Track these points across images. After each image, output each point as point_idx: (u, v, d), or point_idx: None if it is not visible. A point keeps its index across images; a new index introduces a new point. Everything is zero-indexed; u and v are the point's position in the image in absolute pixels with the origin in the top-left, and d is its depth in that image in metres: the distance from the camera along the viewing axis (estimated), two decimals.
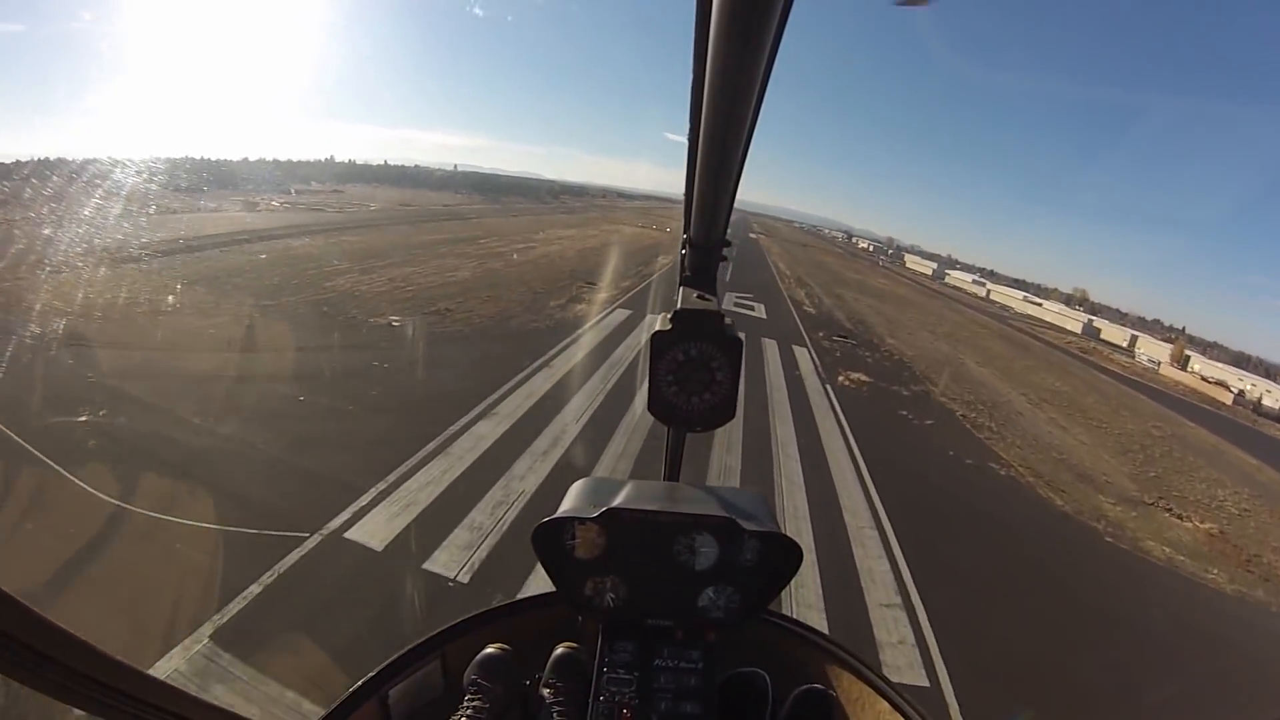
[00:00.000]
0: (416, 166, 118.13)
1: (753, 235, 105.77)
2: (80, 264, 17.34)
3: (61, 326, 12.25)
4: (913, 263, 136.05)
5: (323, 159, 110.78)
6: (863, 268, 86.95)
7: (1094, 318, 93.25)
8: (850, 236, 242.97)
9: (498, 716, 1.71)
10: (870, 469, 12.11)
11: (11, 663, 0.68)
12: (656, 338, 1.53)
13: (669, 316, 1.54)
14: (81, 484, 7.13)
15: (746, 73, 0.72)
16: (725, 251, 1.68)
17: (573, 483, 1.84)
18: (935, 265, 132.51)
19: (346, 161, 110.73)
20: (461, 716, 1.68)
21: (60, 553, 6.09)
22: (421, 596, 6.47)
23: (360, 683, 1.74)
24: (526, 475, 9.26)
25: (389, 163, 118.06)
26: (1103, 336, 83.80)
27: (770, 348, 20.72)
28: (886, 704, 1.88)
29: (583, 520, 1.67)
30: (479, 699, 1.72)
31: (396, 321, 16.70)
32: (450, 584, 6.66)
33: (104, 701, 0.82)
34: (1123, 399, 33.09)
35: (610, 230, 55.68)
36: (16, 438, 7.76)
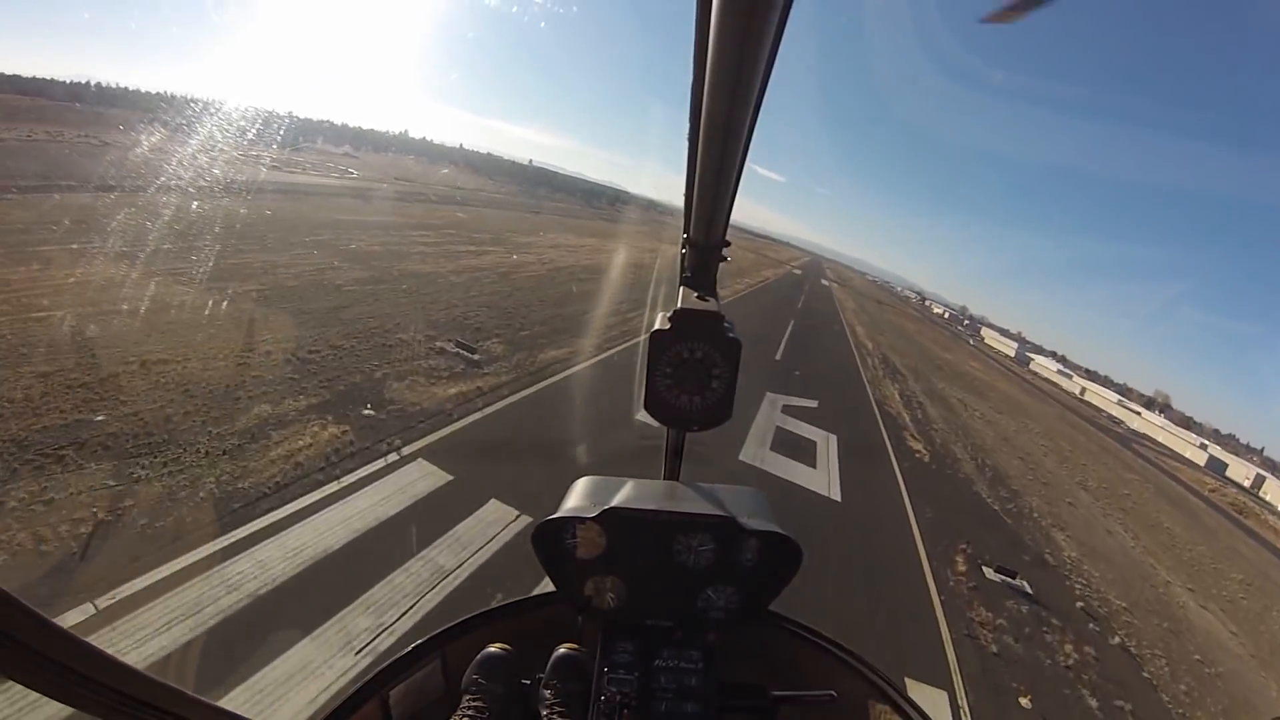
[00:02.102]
0: (489, 154, 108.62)
1: (825, 283, 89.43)
2: None
3: None
4: (991, 338, 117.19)
5: (395, 132, 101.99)
6: (947, 341, 69.88)
7: (1207, 442, 74.79)
8: (924, 299, 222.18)
9: (498, 717, 1.55)
10: None
11: (11, 663, 0.64)
12: (655, 337, 1.42)
13: (668, 316, 1.42)
14: None
15: (746, 73, 0.68)
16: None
17: (573, 481, 1.71)
18: (1016, 346, 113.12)
19: (420, 138, 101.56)
20: (462, 717, 1.52)
21: None
22: None
23: (360, 683, 1.58)
24: None
25: (464, 146, 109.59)
26: (1228, 474, 66.19)
27: None
28: (889, 705, 1.73)
29: (583, 520, 1.57)
30: (479, 699, 1.56)
31: None
32: None
33: (104, 702, 0.76)
34: None
35: (642, 250, 40.86)
36: None
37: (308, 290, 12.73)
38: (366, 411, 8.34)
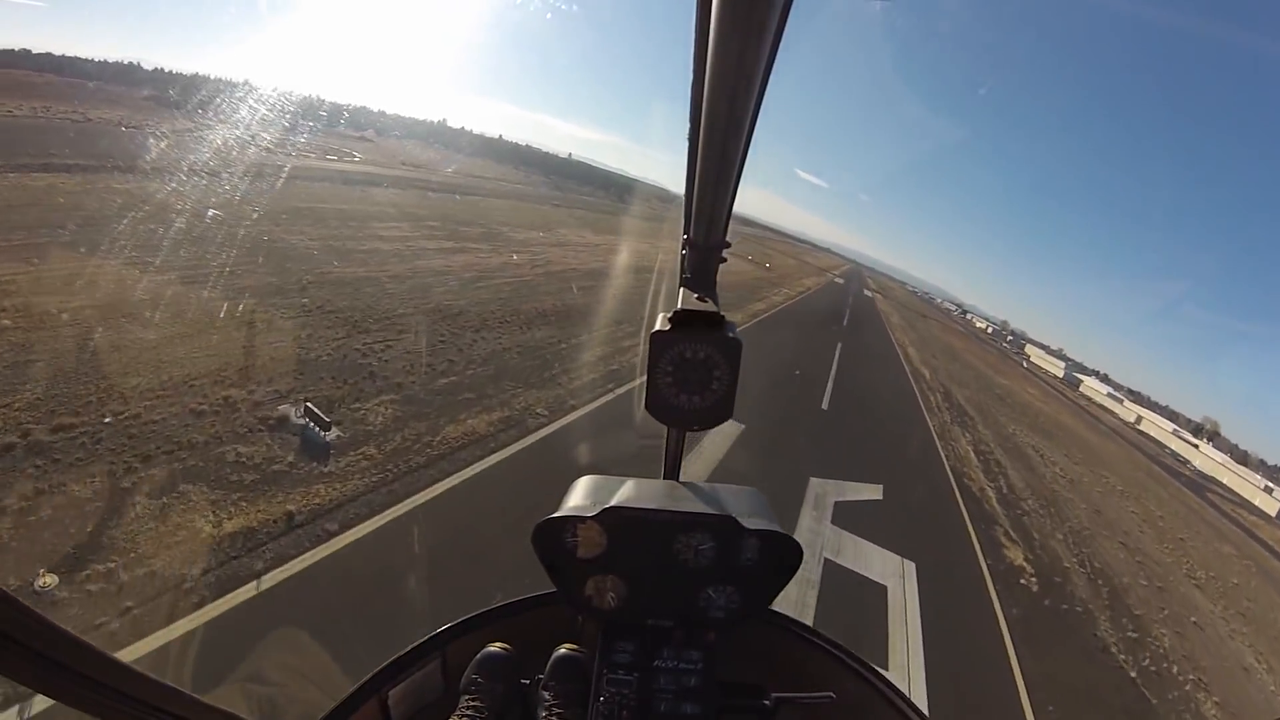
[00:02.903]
0: (527, 146, 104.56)
1: (868, 293, 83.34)
2: None
3: None
4: (1037, 356, 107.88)
5: (433, 121, 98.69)
6: (997, 361, 63.43)
7: (1271, 485, 66.86)
8: (965, 312, 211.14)
9: (498, 717, 1.49)
10: None
11: (11, 663, 0.63)
12: (656, 337, 1.35)
13: (668, 316, 1.36)
14: None
15: (747, 72, 0.67)
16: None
17: (573, 480, 1.64)
18: (1065, 366, 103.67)
19: (458, 128, 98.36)
20: (461, 717, 1.46)
21: None
22: None
23: (359, 683, 1.54)
24: None
25: (503, 137, 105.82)
26: None
27: None
28: (890, 707, 1.69)
29: (583, 519, 1.51)
30: (478, 699, 1.50)
31: None
32: None
33: (104, 702, 0.75)
34: None
35: (667, 253, 36.17)
36: None
37: (175, 302, 8.67)
38: None
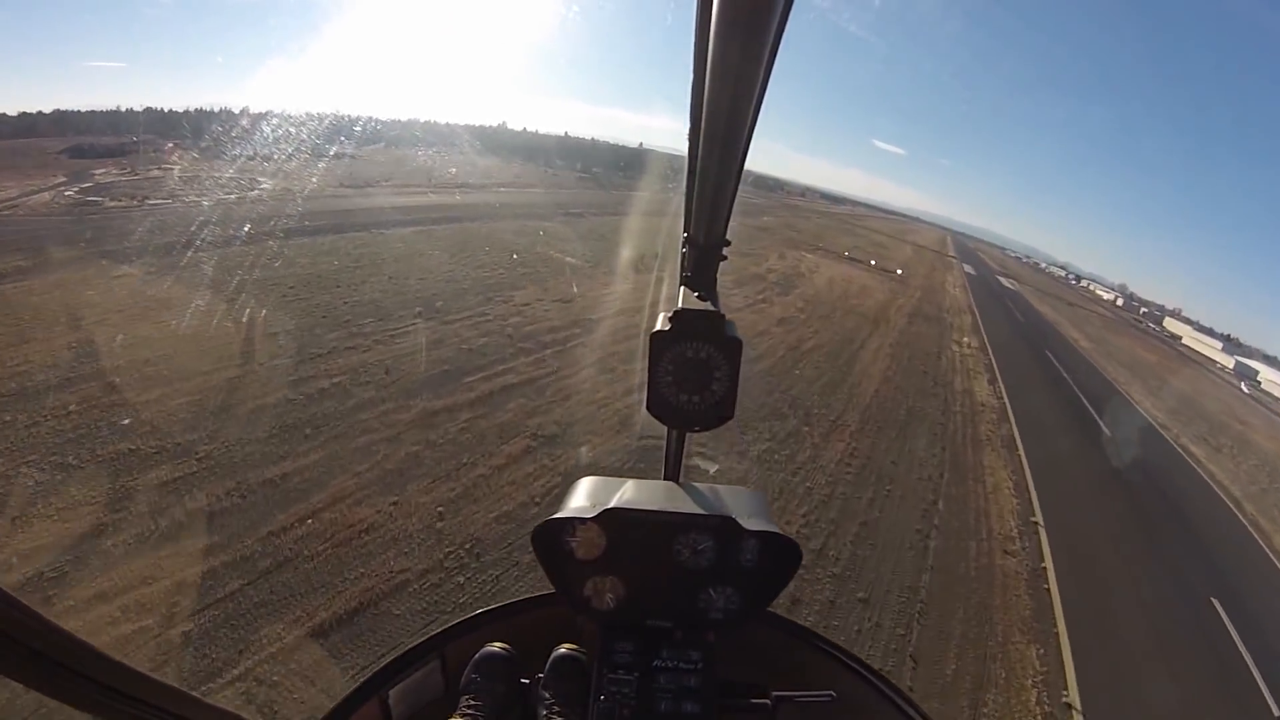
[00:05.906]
0: (593, 140, 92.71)
1: (1006, 282, 65.38)
2: None
3: None
4: (1188, 337, 79.57)
5: (494, 125, 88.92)
6: (1181, 368, 44.72)
7: None
8: (1079, 278, 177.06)
9: (497, 717, 1.46)
10: None
11: (11, 663, 0.61)
12: (656, 338, 1.27)
13: (668, 316, 1.28)
14: None
15: (747, 72, 0.65)
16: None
17: (573, 481, 1.59)
18: (1230, 354, 73.92)
19: (519, 129, 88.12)
20: (461, 717, 1.42)
21: None
22: None
23: (360, 683, 1.50)
24: None
25: (568, 134, 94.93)
26: None
27: None
28: (890, 706, 1.62)
29: (582, 520, 1.45)
30: (478, 700, 1.46)
31: None
32: None
33: (104, 702, 0.72)
34: None
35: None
36: None
37: None
38: None
